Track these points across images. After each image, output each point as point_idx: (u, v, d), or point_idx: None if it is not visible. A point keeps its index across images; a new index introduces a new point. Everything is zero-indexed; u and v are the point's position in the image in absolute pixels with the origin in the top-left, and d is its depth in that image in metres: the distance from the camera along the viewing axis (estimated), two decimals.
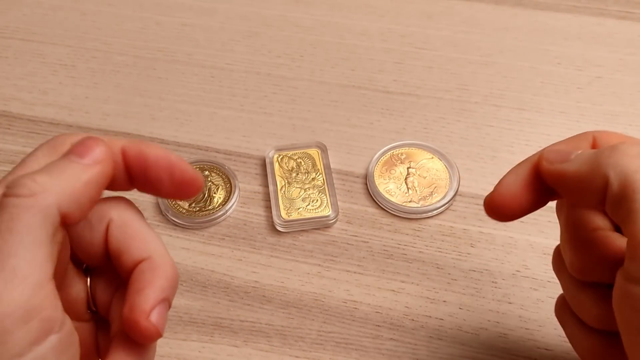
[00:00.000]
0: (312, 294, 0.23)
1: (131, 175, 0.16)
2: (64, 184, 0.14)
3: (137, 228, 0.16)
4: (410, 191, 0.26)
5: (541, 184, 0.17)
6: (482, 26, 0.33)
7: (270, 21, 0.33)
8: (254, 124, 0.29)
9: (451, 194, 0.26)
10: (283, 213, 0.25)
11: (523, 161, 0.17)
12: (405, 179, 0.26)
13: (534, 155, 0.17)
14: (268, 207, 0.26)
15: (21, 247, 0.13)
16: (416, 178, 0.26)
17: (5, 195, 0.14)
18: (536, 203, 0.17)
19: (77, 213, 0.14)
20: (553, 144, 0.17)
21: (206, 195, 0.26)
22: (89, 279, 0.17)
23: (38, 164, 0.15)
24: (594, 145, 0.17)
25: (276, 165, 0.27)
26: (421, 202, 0.26)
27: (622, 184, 0.14)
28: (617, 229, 0.17)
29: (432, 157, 0.27)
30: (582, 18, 0.33)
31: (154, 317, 0.14)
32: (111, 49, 0.32)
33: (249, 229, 0.25)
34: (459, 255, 0.24)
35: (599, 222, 0.17)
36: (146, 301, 0.15)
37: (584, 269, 0.17)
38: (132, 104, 0.30)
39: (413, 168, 0.27)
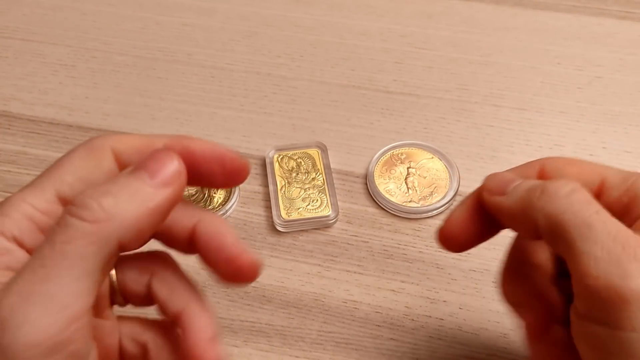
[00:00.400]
0: (312, 294, 0.23)
1: None
2: (129, 212, 0.13)
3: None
4: (410, 191, 0.26)
5: (487, 214, 0.17)
6: (482, 26, 0.33)
7: (270, 21, 0.33)
8: (254, 124, 0.29)
9: (451, 194, 0.26)
10: (283, 213, 0.25)
11: (472, 192, 0.17)
12: (405, 178, 0.26)
13: (480, 186, 0.17)
14: (268, 207, 0.26)
15: (68, 274, 0.13)
16: (416, 178, 0.26)
17: (69, 212, 0.13)
18: (485, 232, 0.17)
19: (137, 242, 0.14)
20: (499, 173, 0.17)
21: (206, 195, 0.26)
22: (114, 272, 0.16)
23: (74, 168, 0.15)
24: (540, 173, 0.17)
25: (276, 165, 0.27)
26: (421, 202, 0.26)
27: (551, 227, 0.14)
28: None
29: (432, 157, 0.27)
30: (582, 18, 0.33)
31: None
32: (111, 49, 0.32)
33: (249, 229, 0.25)
34: (459, 255, 0.24)
35: (541, 257, 0.17)
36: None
37: (515, 300, 0.17)
38: (132, 104, 0.30)
39: (413, 168, 0.27)
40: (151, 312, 0.16)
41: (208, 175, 0.15)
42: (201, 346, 0.15)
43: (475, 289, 0.23)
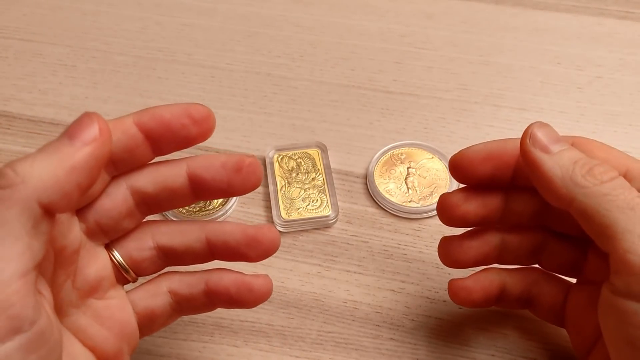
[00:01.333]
0: (312, 294, 0.23)
1: (153, 139, 0.16)
2: (45, 173, 0.13)
3: None
4: (410, 191, 0.26)
5: (504, 166, 0.18)
6: (482, 26, 0.33)
7: (270, 21, 0.33)
8: (253, 124, 0.29)
9: None
10: (283, 213, 0.25)
11: (502, 140, 0.18)
12: (405, 178, 0.26)
13: (524, 133, 0.17)
14: (268, 207, 0.26)
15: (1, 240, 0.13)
16: (416, 178, 0.26)
17: None
18: (491, 179, 0.18)
19: (63, 202, 0.14)
20: (548, 125, 0.17)
21: None
22: (116, 253, 0.17)
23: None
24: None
25: (276, 165, 0.27)
26: (421, 202, 0.26)
27: (592, 207, 0.15)
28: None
29: (432, 157, 0.27)
30: (581, 18, 0.33)
31: None
32: (111, 49, 0.32)
33: None
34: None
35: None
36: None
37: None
38: (132, 104, 0.30)
39: (413, 168, 0.27)
40: None
41: (181, 129, 0.16)
42: (260, 230, 0.16)
43: None
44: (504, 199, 0.19)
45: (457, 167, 0.19)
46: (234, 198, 0.26)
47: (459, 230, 0.20)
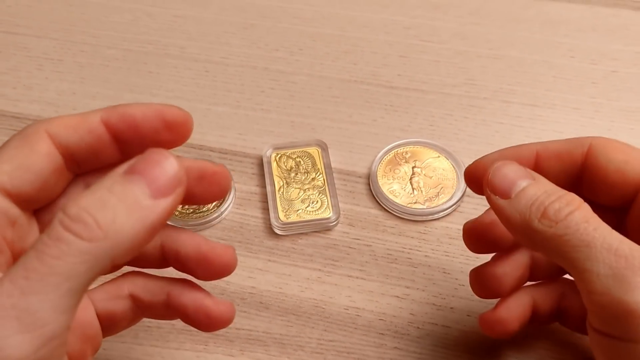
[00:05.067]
0: (312, 300, 0.23)
1: (122, 141, 0.15)
2: (126, 233, 0.13)
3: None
4: (415, 192, 0.25)
5: None
6: (492, 17, 0.32)
7: (268, 12, 0.32)
8: (250, 121, 0.28)
9: (459, 194, 0.25)
10: (281, 215, 0.24)
11: (516, 146, 0.18)
12: (410, 179, 0.26)
13: (522, 146, 0.17)
14: (265, 209, 0.25)
15: (53, 291, 0.12)
16: (422, 178, 0.26)
17: (62, 224, 0.13)
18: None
19: (127, 260, 0.14)
20: (506, 163, 0.17)
21: None
22: None
23: (9, 156, 0.14)
24: (588, 154, 0.17)
25: (274, 165, 0.26)
26: (427, 204, 0.25)
27: (553, 249, 0.15)
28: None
29: (439, 156, 0.26)
30: (596, 9, 0.33)
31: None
32: (100, 42, 0.31)
33: (245, 231, 0.25)
34: (467, 259, 0.24)
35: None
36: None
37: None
38: (122, 99, 0.29)
39: (418, 167, 0.26)
40: None
41: (153, 134, 0.15)
42: (206, 247, 0.16)
43: None
44: None
45: (473, 178, 0.18)
46: (230, 199, 0.25)
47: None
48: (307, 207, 0.25)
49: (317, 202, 0.25)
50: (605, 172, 0.17)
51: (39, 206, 0.16)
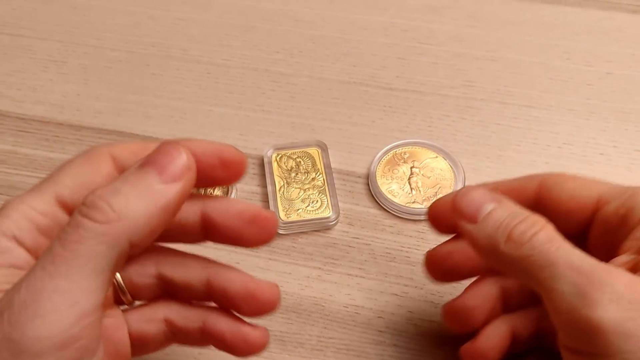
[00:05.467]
0: (312, 298, 0.23)
1: None
2: (139, 212, 0.14)
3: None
4: (413, 191, 0.25)
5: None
6: (489, 20, 0.32)
7: (268, 15, 0.33)
8: (251, 122, 0.28)
9: None
10: (282, 214, 0.25)
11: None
12: (409, 179, 0.26)
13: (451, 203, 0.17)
14: (266, 208, 0.25)
15: (79, 272, 0.13)
16: (420, 178, 0.26)
17: (80, 213, 0.14)
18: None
19: (149, 241, 0.14)
20: (471, 188, 0.17)
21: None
22: (118, 275, 0.17)
23: (73, 172, 0.15)
24: (541, 186, 0.18)
25: (274, 165, 0.26)
26: (425, 203, 0.25)
27: (519, 271, 0.15)
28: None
29: (437, 157, 0.27)
30: (591, 12, 0.33)
31: None
32: (103, 44, 0.31)
33: None
34: None
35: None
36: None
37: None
38: (125, 101, 0.29)
39: (417, 168, 0.26)
40: None
41: (209, 171, 0.16)
42: (260, 287, 0.16)
43: None
44: None
45: (437, 212, 0.19)
46: (233, 197, 0.25)
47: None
48: (307, 206, 0.25)
49: (317, 201, 0.25)
50: (559, 201, 0.17)
51: None
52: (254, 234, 0.16)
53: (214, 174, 0.16)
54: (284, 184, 0.25)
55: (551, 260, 0.15)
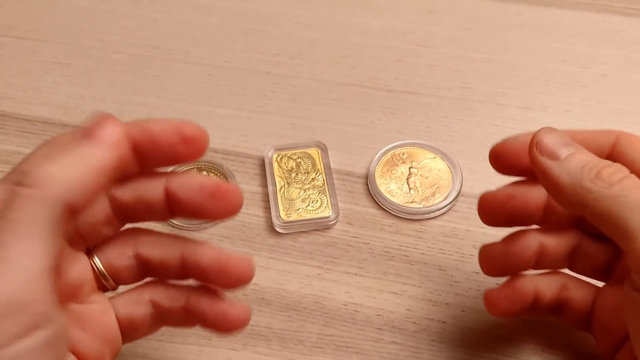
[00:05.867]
0: (312, 296, 0.23)
1: (141, 154, 0.16)
2: (69, 173, 0.14)
3: None
4: (412, 192, 0.26)
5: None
6: (486, 23, 0.32)
7: (269, 18, 0.33)
8: (252, 123, 0.28)
9: (454, 194, 0.25)
10: (282, 214, 0.25)
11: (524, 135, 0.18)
12: (407, 179, 0.26)
13: (531, 138, 0.17)
14: (267, 208, 0.25)
15: (19, 238, 0.13)
16: (418, 178, 0.26)
17: (13, 182, 0.14)
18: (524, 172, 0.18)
19: (85, 202, 0.14)
20: (554, 130, 0.17)
21: None
22: (96, 259, 0.17)
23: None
24: (614, 146, 0.17)
25: (275, 165, 0.26)
26: (423, 203, 0.25)
27: (604, 210, 0.15)
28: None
29: (435, 157, 0.27)
30: (587, 15, 0.33)
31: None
32: (107, 46, 0.31)
33: (247, 230, 0.25)
34: (462, 256, 0.24)
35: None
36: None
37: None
38: (129, 102, 0.29)
39: (415, 168, 0.26)
40: None
41: (170, 147, 0.16)
42: (232, 260, 0.16)
43: (478, 291, 0.23)
44: (545, 197, 0.18)
45: (503, 152, 0.19)
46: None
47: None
48: (308, 206, 0.25)
49: (317, 201, 0.25)
50: (631, 165, 0.17)
51: None
52: (217, 207, 0.16)
53: (175, 151, 0.16)
54: (284, 184, 0.26)
55: None
